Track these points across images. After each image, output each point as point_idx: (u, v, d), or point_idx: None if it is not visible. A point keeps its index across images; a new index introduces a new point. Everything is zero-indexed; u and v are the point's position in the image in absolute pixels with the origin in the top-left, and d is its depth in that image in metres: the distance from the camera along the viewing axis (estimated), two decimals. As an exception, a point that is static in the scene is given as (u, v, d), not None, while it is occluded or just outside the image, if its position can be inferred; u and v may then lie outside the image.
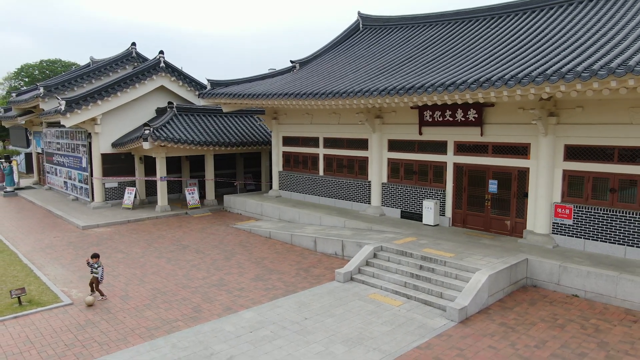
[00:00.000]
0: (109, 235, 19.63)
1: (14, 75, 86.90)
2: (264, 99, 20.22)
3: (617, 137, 13.13)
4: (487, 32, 19.03)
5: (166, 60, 26.10)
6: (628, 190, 13.12)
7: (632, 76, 10.28)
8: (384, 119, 19.03)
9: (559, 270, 12.63)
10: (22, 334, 10.47)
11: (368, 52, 22.58)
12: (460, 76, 14.19)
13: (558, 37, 15.68)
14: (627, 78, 10.45)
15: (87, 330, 10.67)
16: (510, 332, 10.40)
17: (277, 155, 24.39)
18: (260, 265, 15.54)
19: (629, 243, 13.08)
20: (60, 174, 29.43)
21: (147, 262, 15.88)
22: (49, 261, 16.03)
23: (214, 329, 10.66)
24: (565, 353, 9.44)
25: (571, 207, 14.08)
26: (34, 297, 12.53)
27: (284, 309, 11.82)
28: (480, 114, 15.88)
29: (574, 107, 13.79)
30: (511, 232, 15.70)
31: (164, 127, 23.58)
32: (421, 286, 12.54)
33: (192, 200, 24.82)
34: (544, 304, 11.96)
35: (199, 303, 12.28)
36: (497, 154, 15.81)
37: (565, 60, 12.26)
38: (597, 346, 9.71)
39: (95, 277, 12.53)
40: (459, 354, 9.43)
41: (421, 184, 18.07)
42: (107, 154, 25.11)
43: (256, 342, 10.03)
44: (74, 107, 22.95)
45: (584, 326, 10.65)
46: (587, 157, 13.77)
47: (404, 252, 14.12)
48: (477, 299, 11.43)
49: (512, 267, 12.62)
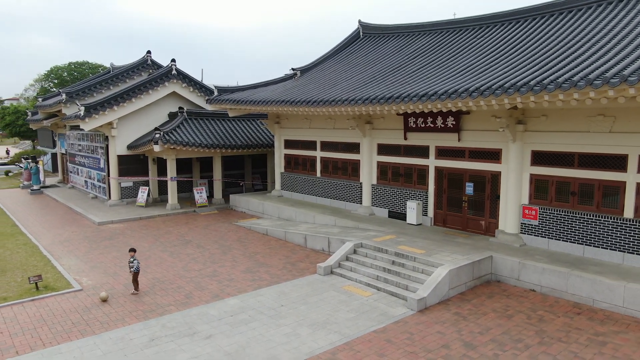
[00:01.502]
0: (121, 231, 21.44)
1: (43, 77, 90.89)
2: (263, 105, 21.73)
3: (576, 144, 14.12)
4: (472, 41, 20.06)
5: (178, 67, 27.88)
6: (587, 193, 14.10)
7: (591, 89, 11.13)
8: (373, 125, 20.30)
9: (519, 267, 13.73)
10: (37, 314, 12.19)
11: (364, 60, 23.84)
12: (436, 87, 15.35)
13: (535, 47, 16.62)
14: (587, 90, 11.31)
15: (92, 312, 12.33)
16: (461, 321, 11.61)
17: (279, 158, 25.88)
18: (253, 259, 17.03)
19: (587, 242, 14.07)
20: (81, 174, 31.60)
21: (152, 255, 17.55)
22: (65, 253, 17.87)
23: (200, 313, 12.18)
24: (503, 338, 10.61)
25: (537, 209, 15.11)
26: (50, 283, 14.30)
27: (265, 297, 13.26)
28: (458, 121, 17.00)
29: (539, 115, 14.83)
30: (485, 231, 16.79)
31: (174, 131, 25.32)
32: (391, 279, 13.82)
33: (200, 199, 26.52)
34: (501, 297, 13.09)
35: (191, 291, 13.83)
36: (472, 158, 16.92)
37: (537, 72, 13.20)
38: (535, 334, 10.84)
39: (133, 271, 13.41)
40: (408, 337, 10.71)
41: (406, 185, 19.28)
42: (122, 156, 27.03)
43: (234, 324, 11.51)
44: (92, 112, 24.91)
45: (530, 317, 11.77)
46: (551, 162, 14.79)
47: (380, 249, 15.40)
48: (436, 291, 12.64)
49: (474, 263, 13.77)
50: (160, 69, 29.79)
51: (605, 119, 13.44)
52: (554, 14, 18.89)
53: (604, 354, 9.83)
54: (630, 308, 11.63)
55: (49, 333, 11.08)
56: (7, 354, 10.09)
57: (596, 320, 11.44)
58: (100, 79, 30.28)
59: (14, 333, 11.07)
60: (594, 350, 9.99)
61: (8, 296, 13.32)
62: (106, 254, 17.73)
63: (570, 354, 9.88)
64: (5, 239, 19.83)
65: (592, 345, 10.20)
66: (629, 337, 10.57)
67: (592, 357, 9.71)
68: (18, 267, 15.98)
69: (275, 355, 9.97)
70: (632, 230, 13.14)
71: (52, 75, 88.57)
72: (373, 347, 10.29)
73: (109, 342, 10.58)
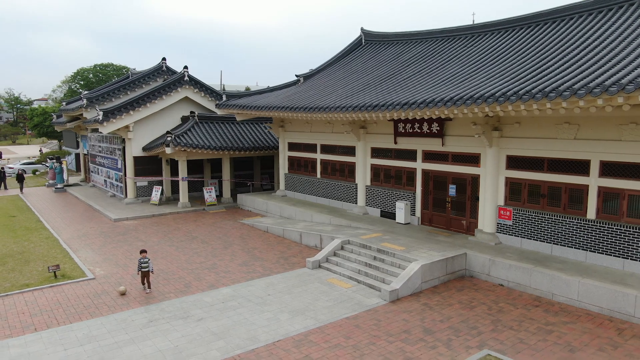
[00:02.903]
0: (134, 227, 23.22)
1: (70, 79, 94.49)
2: (265, 110, 23.22)
3: (546, 149, 15.15)
4: (461, 50, 21.11)
5: (190, 74, 29.61)
6: (555, 195, 15.11)
7: (560, 100, 12.08)
8: (367, 129, 21.55)
9: (489, 264, 14.85)
10: (54, 298, 13.89)
11: (362, 66, 25.09)
12: (418, 96, 16.53)
13: (515, 56, 17.60)
14: (559, 101, 12.30)
15: (102, 297, 13.97)
16: (427, 310, 12.83)
17: (283, 159, 27.33)
18: (250, 254, 18.51)
19: (555, 241, 15.09)
20: (101, 173, 33.68)
21: (160, 249, 19.20)
22: (82, 246, 19.67)
23: (195, 300, 13.70)
24: (461, 326, 11.81)
25: (511, 210, 16.17)
26: (66, 273, 16.04)
27: (255, 287, 14.71)
28: (442, 127, 18.14)
29: (513, 122, 15.89)
30: (466, 230, 17.90)
31: (185, 134, 27.03)
32: (370, 273, 15.10)
33: (210, 198, 28.18)
34: (470, 290, 14.24)
35: (191, 281, 15.38)
36: (455, 162, 18.03)
37: (508, 83, 14.30)
38: (491, 322, 11.99)
39: (145, 271, 14.16)
40: (375, 324, 12.00)
41: (396, 187, 20.48)
42: (138, 157, 28.90)
43: (224, 309, 12.98)
44: (110, 117, 26.80)
45: (491, 308, 12.91)
46: (524, 166, 15.83)
47: (365, 245, 16.68)
48: (408, 284, 13.88)
49: (448, 259, 14.94)
50: (174, 74, 31.59)
51: (571, 126, 14.44)
52: (539, 24, 19.79)
53: (547, 341, 10.94)
54: (583, 301, 12.66)
55: (63, 314, 12.74)
56: (27, 330, 11.77)
57: (551, 312, 12.52)
58: (119, 84, 32.28)
59: (33, 313, 12.77)
60: (539, 338, 11.10)
61: (30, 283, 15.09)
62: (118, 247, 19.46)
63: (516, 339, 11.02)
64: (30, 234, 21.79)
65: (539, 333, 11.32)
66: (576, 327, 11.63)
67: (535, 343, 10.84)
68: (40, 258, 17.80)
69: (255, 335, 11.39)
70: (594, 230, 14.12)
71: (79, 76, 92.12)
72: (342, 331, 11.62)
73: (113, 322, 12.17)
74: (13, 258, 17.83)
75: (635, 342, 10.81)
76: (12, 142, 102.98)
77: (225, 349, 10.73)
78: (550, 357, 10.20)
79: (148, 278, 14.50)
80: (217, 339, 11.23)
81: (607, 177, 13.82)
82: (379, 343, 10.94)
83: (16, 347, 10.83)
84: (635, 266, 13.31)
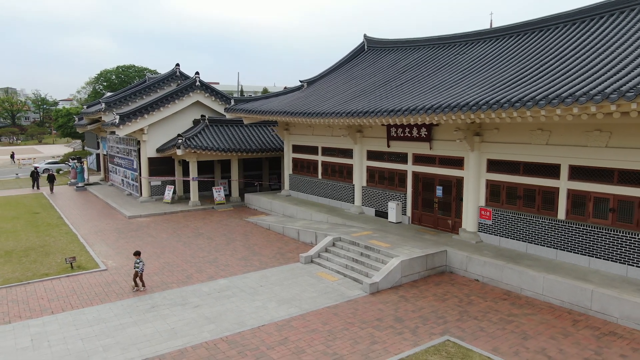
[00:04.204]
0: (146, 224, 24.89)
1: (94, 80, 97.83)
2: (268, 115, 24.63)
3: (521, 154, 16.15)
4: (452, 57, 22.12)
5: (201, 79, 31.23)
6: (530, 197, 16.10)
7: (525, 110, 13.12)
8: (363, 133, 22.76)
9: (466, 260, 15.94)
10: (70, 286, 15.53)
11: (363, 72, 26.28)
12: (404, 103, 17.68)
13: (499, 65, 18.58)
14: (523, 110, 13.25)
15: (112, 286, 15.55)
16: (402, 301, 14.02)
17: (287, 161, 28.71)
18: (250, 249, 19.93)
19: (529, 240, 16.08)
20: (119, 173, 35.62)
21: (167, 245, 20.78)
22: (98, 241, 21.38)
23: (194, 289, 15.17)
24: (429, 315, 12.97)
25: (491, 210, 17.21)
26: (82, 264, 17.71)
27: (249, 279, 16.11)
28: (430, 132, 19.25)
29: (492, 128, 16.92)
30: (452, 229, 18.97)
31: (195, 136, 28.64)
32: (356, 268, 16.34)
33: (219, 197, 29.75)
34: (447, 285, 15.37)
35: (192, 273, 16.86)
36: (442, 165, 19.12)
37: (484, 94, 15.41)
38: (458, 313, 13.12)
39: (136, 271, 15.56)
40: (352, 312, 13.25)
41: (390, 188, 21.65)
42: (152, 158, 30.64)
43: (219, 298, 14.40)
44: (126, 120, 28.58)
45: (462, 300, 14.03)
46: (503, 169, 16.85)
47: (354, 243, 17.92)
48: (388, 278, 15.07)
49: (428, 255, 16.08)
50: (187, 79, 33.29)
51: (543, 132, 15.43)
52: (527, 33, 20.67)
53: (505, 329, 12.03)
54: (547, 295, 13.68)
55: (77, 300, 14.34)
56: (45, 313, 13.38)
57: (516, 305, 13.58)
58: (136, 89, 34.13)
59: (51, 299, 14.41)
60: (498, 327, 12.20)
61: (49, 272, 16.78)
62: (130, 242, 21.11)
63: (477, 328, 12.14)
64: (52, 229, 23.64)
65: (500, 323, 12.41)
66: (535, 318, 12.68)
67: (493, 331, 11.95)
68: (59, 251, 19.55)
69: (243, 320, 12.77)
70: (564, 230, 15.09)
71: (102, 78, 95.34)
72: (321, 318, 12.90)
73: (120, 307, 13.71)
74: (35, 251, 19.62)
75: (586, 332, 11.82)
76: (38, 141, 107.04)
77: (215, 331, 12.13)
78: (503, 343, 11.31)
79: (140, 278, 15.28)
80: (209, 323, 12.64)
81: (576, 180, 14.78)
82: (351, 329, 12.19)
83: (35, 327, 12.44)
84: (599, 263, 14.25)
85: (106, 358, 10.79)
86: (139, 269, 15.29)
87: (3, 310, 13.51)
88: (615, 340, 11.33)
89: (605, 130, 13.92)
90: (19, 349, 11.27)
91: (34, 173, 38.57)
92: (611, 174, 13.95)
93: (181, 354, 10.96)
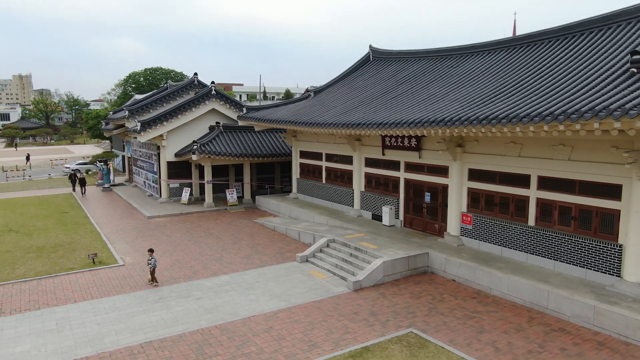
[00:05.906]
0: (163, 224, 27.09)
1: (123, 82, 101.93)
2: (274, 123, 26.48)
3: (497, 164, 17.49)
4: (445, 70, 23.47)
5: (216, 88, 33.34)
6: (505, 204, 17.43)
7: (490, 127, 14.52)
8: (362, 141, 24.35)
9: (445, 262, 17.39)
10: (91, 279, 17.69)
11: (364, 83, 27.84)
12: (392, 117, 19.19)
13: (485, 79, 19.85)
14: (488, 127, 14.67)
15: (127, 280, 17.64)
16: (381, 298, 15.61)
17: (295, 166, 30.52)
18: (254, 249, 21.80)
19: (504, 244, 17.42)
20: (141, 175, 38.12)
21: (180, 243, 22.85)
22: (119, 239, 23.64)
23: (198, 284, 17.11)
24: (401, 311, 14.53)
25: (471, 216, 18.58)
26: (103, 260, 19.91)
27: (248, 276, 17.96)
28: (419, 142, 20.71)
29: (472, 140, 18.30)
30: (438, 233, 20.40)
31: (210, 142, 30.73)
32: (345, 267, 17.99)
33: (231, 199, 31.79)
34: (425, 284, 16.87)
35: (198, 269, 18.82)
36: (430, 172, 20.56)
37: (461, 110, 16.86)
38: (427, 309, 14.64)
39: (152, 268, 17.49)
40: (333, 306, 14.93)
41: (384, 193, 23.18)
42: (171, 162, 32.90)
43: (219, 292, 16.29)
44: (146, 127, 30.89)
45: (434, 298, 15.53)
46: (482, 178, 18.21)
47: (346, 244, 19.57)
48: (371, 276, 16.67)
49: (410, 257, 17.61)
50: (204, 87, 35.46)
51: (515, 145, 16.75)
52: (515, 47, 21.88)
53: (465, 324, 13.51)
54: (512, 295, 15.06)
55: (97, 291, 16.46)
56: (69, 301, 15.53)
57: (482, 303, 15.00)
58: (156, 97, 36.49)
59: (74, 290, 16.58)
60: (460, 322, 13.68)
61: (74, 267, 19.02)
62: (148, 240, 23.27)
63: (441, 322, 13.65)
64: (78, 227, 26.07)
65: (462, 319, 13.88)
66: (497, 315, 14.10)
67: (455, 325, 13.44)
68: (84, 248, 21.84)
69: (237, 311, 14.61)
70: (533, 235, 16.40)
71: (131, 80, 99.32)
72: (305, 310, 14.63)
73: (133, 298, 15.76)
74: (63, 247, 21.97)
75: (537, 328, 13.20)
76: (70, 141, 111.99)
77: (212, 320, 14.00)
78: (460, 335, 12.80)
79: (153, 273, 17.07)
80: (207, 312, 14.54)
81: (544, 190, 16.07)
82: (329, 320, 13.88)
83: (60, 313, 14.58)
84: (562, 267, 15.52)
85: (117, 340, 12.79)
86: (151, 265, 17.24)
87: (34, 299, 15.73)
88: (561, 336, 12.68)
89: (567, 145, 15.19)
90: (46, 330, 13.39)
91: (73, 176, 40.54)
92: (573, 184, 15.21)
93: (180, 337, 12.87)
